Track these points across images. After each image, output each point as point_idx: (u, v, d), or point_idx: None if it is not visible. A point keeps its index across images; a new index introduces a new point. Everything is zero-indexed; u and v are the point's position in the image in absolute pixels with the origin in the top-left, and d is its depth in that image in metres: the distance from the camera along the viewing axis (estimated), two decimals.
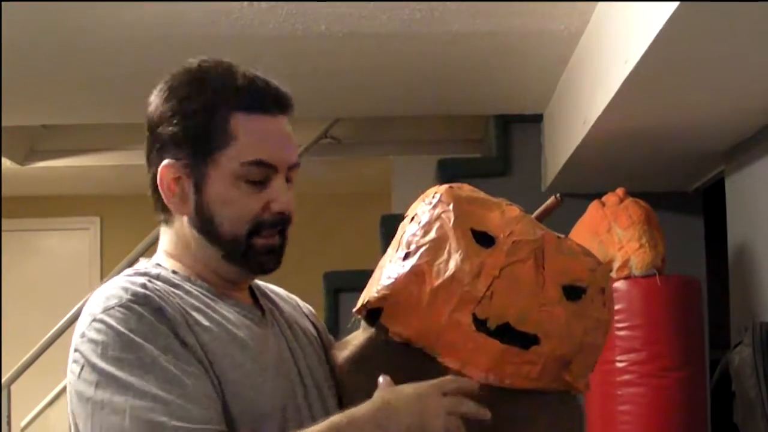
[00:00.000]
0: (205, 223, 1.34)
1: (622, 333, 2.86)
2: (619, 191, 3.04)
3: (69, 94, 3.55)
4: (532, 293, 1.37)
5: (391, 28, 2.81)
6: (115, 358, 1.22)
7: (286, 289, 1.56)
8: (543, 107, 3.84)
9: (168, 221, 1.39)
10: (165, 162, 1.33)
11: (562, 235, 1.46)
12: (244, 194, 1.32)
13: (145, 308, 1.25)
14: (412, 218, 1.47)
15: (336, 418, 1.27)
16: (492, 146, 4.16)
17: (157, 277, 1.33)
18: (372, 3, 2.64)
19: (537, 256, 1.38)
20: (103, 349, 1.23)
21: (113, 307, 1.25)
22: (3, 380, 4.44)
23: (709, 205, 3.91)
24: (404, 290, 1.39)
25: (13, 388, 4.48)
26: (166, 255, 1.39)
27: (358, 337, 1.45)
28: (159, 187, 1.34)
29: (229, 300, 1.37)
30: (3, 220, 5.49)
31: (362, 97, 3.74)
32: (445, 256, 1.39)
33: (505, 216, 1.42)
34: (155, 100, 1.35)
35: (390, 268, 1.42)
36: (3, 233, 5.66)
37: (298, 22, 2.76)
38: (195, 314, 1.30)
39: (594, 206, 3.06)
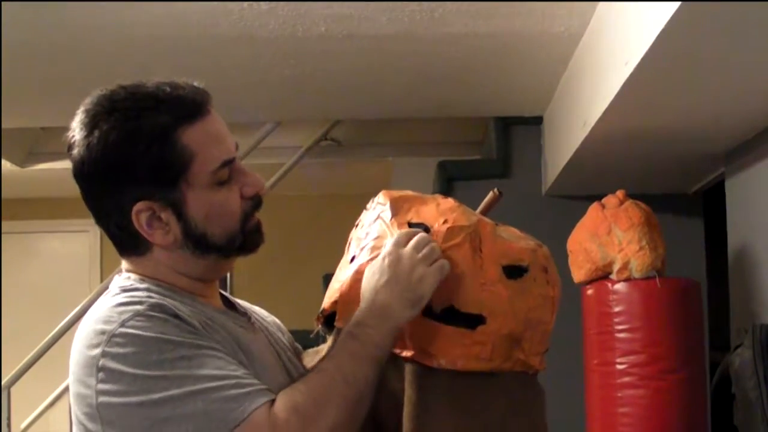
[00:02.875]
0: (198, 241, 1.34)
1: (621, 335, 2.86)
2: (619, 193, 3.04)
3: (68, 96, 3.53)
4: (472, 275, 1.40)
5: (391, 29, 2.81)
6: (157, 362, 1.20)
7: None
8: (543, 109, 3.84)
9: (140, 254, 1.36)
10: (136, 206, 1.30)
11: (500, 223, 1.50)
12: (223, 196, 1.34)
13: (164, 314, 1.25)
14: (357, 225, 1.53)
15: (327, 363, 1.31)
16: (492, 148, 4.16)
17: (153, 291, 1.32)
18: (372, 4, 2.64)
19: (473, 239, 1.42)
20: (138, 358, 1.20)
21: (131, 319, 1.23)
22: (3, 382, 4.43)
23: (709, 207, 3.91)
24: (350, 290, 1.43)
25: (13, 389, 4.47)
26: (139, 275, 1.37)
27: (328, 343, 1.49)
28: (137, 229, 1.31)
29: (215, 308, 1.39)
30: (3, 222, 5.49)
31: (362, 98, 3.74)
32: None
33: (440, 207, 1.47)
34: (89, 152, 1.29)
35: (340, 274, 1.48)
36: (3, 235, 5.66)
37: (298, 23, 2.76)
38: (199, 324, 1.29)
39: (594, 208, 3.06)
